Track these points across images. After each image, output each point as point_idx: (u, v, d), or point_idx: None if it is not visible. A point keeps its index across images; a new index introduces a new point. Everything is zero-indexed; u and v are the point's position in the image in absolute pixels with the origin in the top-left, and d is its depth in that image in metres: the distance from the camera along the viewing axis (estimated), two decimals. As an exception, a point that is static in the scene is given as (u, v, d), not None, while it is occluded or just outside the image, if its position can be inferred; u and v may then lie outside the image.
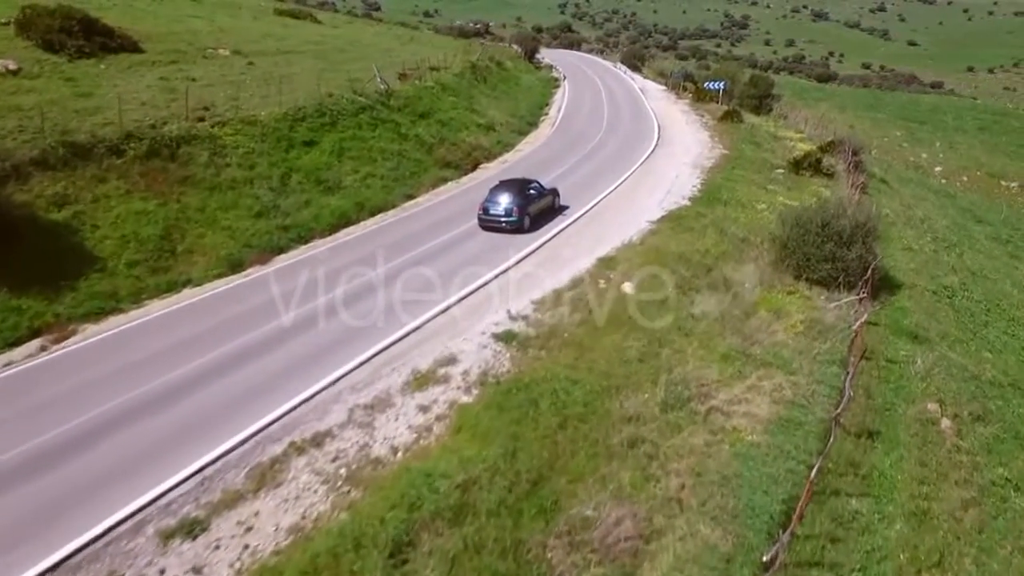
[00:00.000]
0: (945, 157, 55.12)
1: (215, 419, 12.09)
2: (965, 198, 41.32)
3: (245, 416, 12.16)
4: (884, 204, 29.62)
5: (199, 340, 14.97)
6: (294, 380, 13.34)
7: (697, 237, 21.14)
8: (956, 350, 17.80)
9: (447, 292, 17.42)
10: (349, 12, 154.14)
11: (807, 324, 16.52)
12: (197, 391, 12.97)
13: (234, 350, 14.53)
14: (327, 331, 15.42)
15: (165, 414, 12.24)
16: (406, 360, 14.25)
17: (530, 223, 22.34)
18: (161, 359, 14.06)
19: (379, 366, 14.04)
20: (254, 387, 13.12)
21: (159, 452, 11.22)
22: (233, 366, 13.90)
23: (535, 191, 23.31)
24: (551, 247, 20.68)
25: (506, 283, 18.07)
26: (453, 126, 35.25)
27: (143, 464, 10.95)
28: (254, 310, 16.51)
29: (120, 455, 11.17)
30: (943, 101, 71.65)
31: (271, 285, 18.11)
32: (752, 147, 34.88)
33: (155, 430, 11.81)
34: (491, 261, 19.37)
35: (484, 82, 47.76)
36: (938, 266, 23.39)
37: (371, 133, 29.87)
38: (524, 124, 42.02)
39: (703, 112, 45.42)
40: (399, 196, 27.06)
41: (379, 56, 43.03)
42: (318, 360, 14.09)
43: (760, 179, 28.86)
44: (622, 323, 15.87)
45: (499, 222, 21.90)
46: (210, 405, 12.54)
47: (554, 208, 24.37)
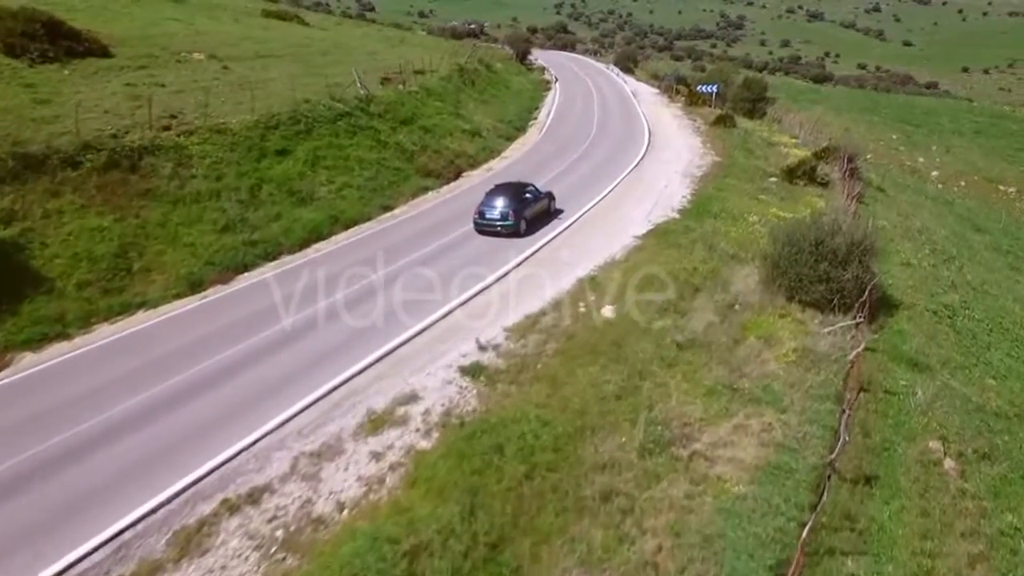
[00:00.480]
0: (942, 161, 54.02)
1: (141, 472, 10.83)
2: (963, 205, 40.19)
3: (175, 469, 10.90)
4: (881, 214, 28.46)
5: (142, 373, 13.73)
6: (238, 422, 12.11)
7: (684, 254, 19.94)
8: (958, 377, 16.63)
9: (427, 311, 16.27)
10: (343, 13, 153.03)
11: (800, 353, 15.33)
12: (127, 436, 11.70)
13: (178, 386, 13.28)
14: (284, 362, 14.18)
15: (87, 464, 10.98)
16: (363, 397, 13.02)
17: (526, 227, 22.04)
18: (96, 396, 12.81)
19: (332, 405, 12.82)
20: (192, 432, 11.87)
21: (72, 514, 9.96)
22: (174, 404, 12.65)
23: (531, 195, 23.01)
24: (530, 266, 19.42)
25: (479, 308, 16.85)
26: (437, 132, 34.00)
27: (52, 528, 9.70)
28: (206, 337, 15.28)
29: (27, 519, 9.90)
30: (939, 104, 70.55)
31: (228, 308, 16.90)
32: (744, 154, 33.69)
33: (71, 485, 10.54)
34: (464, 284, 18.10)
35: (472, 85, 46.51)
36: (937, 282, 22.22)
37: (349, 141, 28.61)
38: (512, 129, 40.78)
39: (695, 116, 44.23)
40: (376, 207, 25.80)
41: (363, 60, 41.77)
42: (268, 398, 12.85)
43: (752, 189, 27.68)
44: (600, 352, 14.67)
45: (495, 226, 21.59)
46: (138, 454, 11.26)
47: (550, 212, 24.01)
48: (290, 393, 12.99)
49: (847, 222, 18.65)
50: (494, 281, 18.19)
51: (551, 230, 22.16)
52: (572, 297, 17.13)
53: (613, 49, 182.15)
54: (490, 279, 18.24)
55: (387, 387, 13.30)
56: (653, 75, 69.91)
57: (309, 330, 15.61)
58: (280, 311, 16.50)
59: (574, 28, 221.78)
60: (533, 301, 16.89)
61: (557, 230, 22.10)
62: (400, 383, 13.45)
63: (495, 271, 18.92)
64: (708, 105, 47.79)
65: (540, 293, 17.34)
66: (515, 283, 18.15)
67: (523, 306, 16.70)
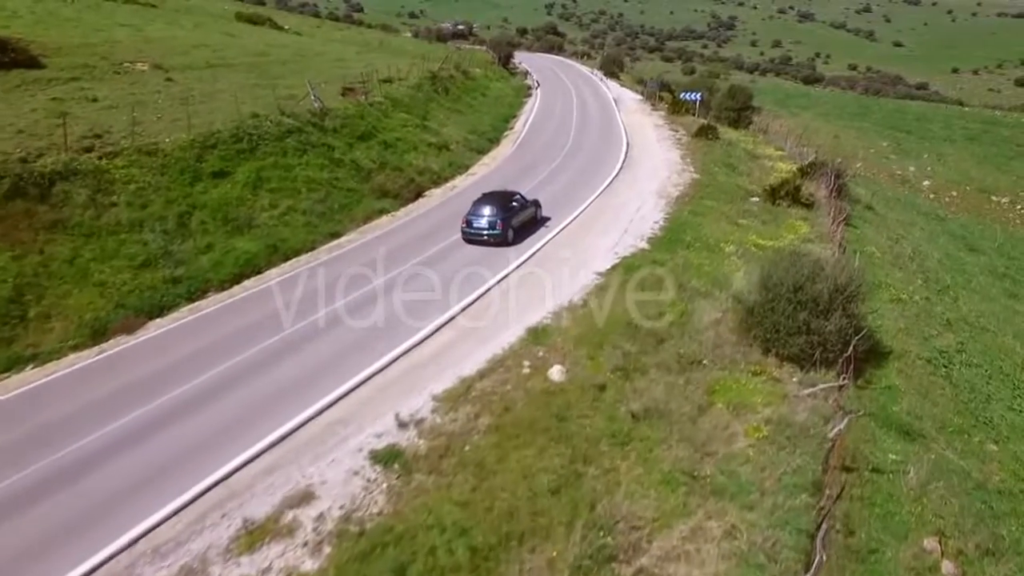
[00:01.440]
0: (933, 170, 51.97)
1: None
2: (956, 221, 38.09)
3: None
4: (869, 238, 26.31)
5: (9, 451, 11.51)
6: (84, 536, 9.83)
7: (650, 295, 17.71)
8: (956, 444, 14.49)
9: (340, 377, 13.94)
10: (330, 14, 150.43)
11: (774, 425, 13.14)
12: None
13: (33, 477, 11.02)
14: (163, 446, 11.86)
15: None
16: (246, 498, 10.76)
17: (514, 235, 21.91)
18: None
19: (211, 507, 10.56)
20: (23, 553, 9.60)
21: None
22: (23, 505, 10.39)
23: (518, 203, 22.87)
24: (474, 313, 17.09)
25: (408, 370, 14.57)
26: (399, 148, 31.69)
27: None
28: (86, 408, 12.99)
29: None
30: (930, 109, 68.50)
31: (123, 366, 14.62)
32: (726, 170, 31.48)
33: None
34: (395, 338, 15.80)
35: (445, 94, 44.19)
36: (931, 320, 20.09)
37: (297, 160, 26.28)
38: (484, 141, 38.48)
39: (677, 126, 42.02)
40: (323, 234, 23.49)
41: (327, 68, 39.43)
42: (129, 500, 10.54)
43: (732, 211, 25.47)
44: (541, 429, 12.46)
45: (482, 235, 21.55)
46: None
47: (536, 219, 23.76)
48: (159, 491, 10.72)
49: (830, 262, 16.45)
50: (430, 334, 15.89)
51: (502, 268, 19.80)
52: (516, 354, 14.88)
53: (604, 50, 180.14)
54: (425, 331, 15.95)
55: (278, 482, 11.04)
56: (638, 80, 67.64)
57: (209, 400, 13.30)
58: (183, 371, 14.24)
59: (565, 29, 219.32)
60: (471, 359, 14.63)
61: (509, 268, 19.78)
62: (295, 475, 11.18)
63: (442, 315, 16.66)
64: (692, 113, 45.60)
65: (480, 349, 15.06)
66: (454, 337, 15.86)
67: (460, 365, 14.45)
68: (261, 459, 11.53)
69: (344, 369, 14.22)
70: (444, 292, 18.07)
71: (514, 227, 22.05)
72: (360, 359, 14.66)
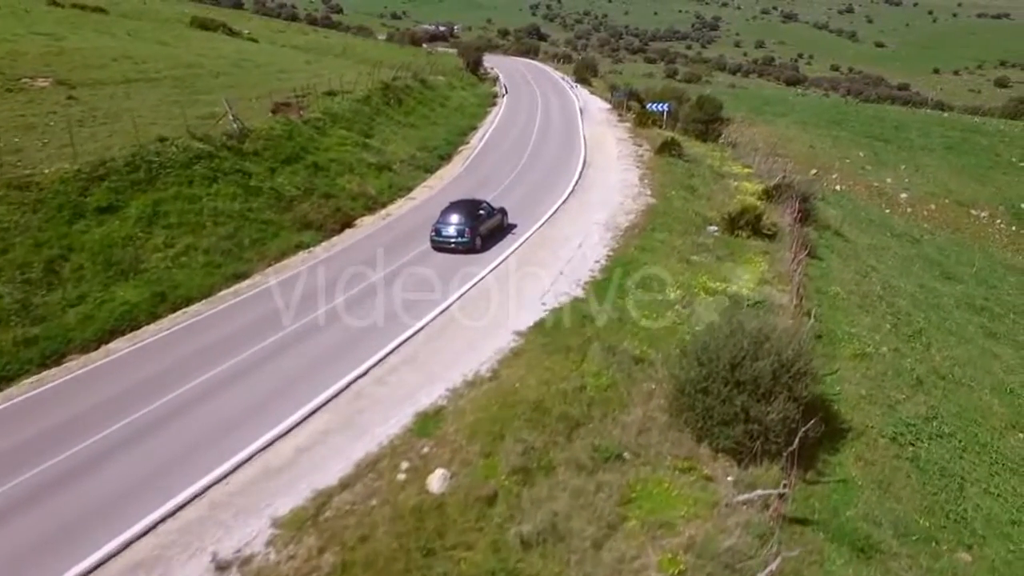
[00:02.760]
0: (911, 182, 49.62)
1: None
2: (932, 242, 35.68)
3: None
4: (835, 274, 23.78)
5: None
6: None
7: (573, 363, 15.08)
8: (921, 559, 11.95)
9: (163, 494, 11.13)
10: (308, 16, 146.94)
11: (695, 553, 10.54)
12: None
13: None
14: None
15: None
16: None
17: (481, 243, 22.08)
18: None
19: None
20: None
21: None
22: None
23: (485, 211, 23.04)
24: (355, 395, 14.25)
25: (264, 472, 11.84)
26: (332, 170, 28.88)
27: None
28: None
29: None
30: (910, 116, 66.10)
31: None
32: (684, 194, 28.85)
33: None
34: (265, 419, 13.08)
35: (398, 105, 41.37)
36: (899, 379, 17.57)
37: (205, 190, 23.44)
38: (434, 158, 35.72)
39: (642, 140, 39.37)
40: (225, 277, 20.74)
41: (266, 80, 36.53)
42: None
43: (685, 245, 22.87)
44: (398, 572, 9.80)
45: (450, 243, 21.78)
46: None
47: (503, 227, 23.99)
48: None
49: (776, 332, 13.81)
50: (296, 423, 13.13)
51: (404, 328, 17.00)
52: (395, 451, 12.19)
53: (586, 51, 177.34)
54: (294, 417, 13.21)
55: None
56: (611, 86, 64.97)
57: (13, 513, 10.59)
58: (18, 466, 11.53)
59: (549, 30, 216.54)
60: (336, 463, 11.91)
61: (417, 325, 17.01)
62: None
63: (312, 398, 13.87)
64: (659, 125, 42.99)
65: (352, 447, 12.35)
66: (327, 425, 13.12)
67: (322, 469, 11.74)
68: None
69: (174, 478, 11.45)
70: (331, 361, 15.33)
71: (482, 235, 22.22)
72: (200, 461, 11.90)
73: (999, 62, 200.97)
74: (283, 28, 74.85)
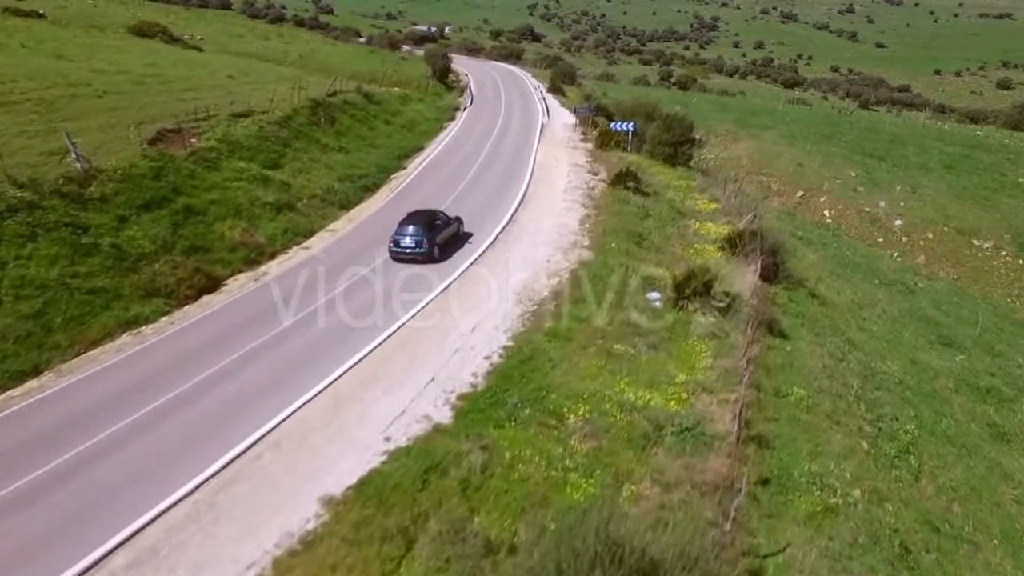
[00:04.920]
0: (907, 206, 44.15)
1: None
2: (929, 292, 30.27)
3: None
4: (800, 364, 18.51)
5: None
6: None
7: (389, 562, 9.96)
8: None
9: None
10: (295, 16, 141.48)
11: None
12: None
13: None
14: None
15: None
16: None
17: (440, 252, 21.95)
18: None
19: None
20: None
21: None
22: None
23: (441, 221, 22.94)
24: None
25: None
26: (211, 215, 23.74)
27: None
28: None
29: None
30: (906, 129, 60.31)
31: None
32: (629, 244, 23.50)
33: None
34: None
35: (330, 125, 36.10)
36: (875, 552, 12.35)
37: (16, 251, 18.33)
38: (357, 190, 30.53)
39: (600, 166, 34.03)
40: (8, 375, 15.74)
41: (167, 101, 31.31)
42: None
43: (610, 328, 17.66)
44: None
45: (408, 253, 21.54)
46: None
47: (459, 235, 23.76)
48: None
49: (679, 527, 8.65)
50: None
51: (180, 482, 11.97)
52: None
53: (580, 53, 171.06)
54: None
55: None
56: (586, 96, 59.48)
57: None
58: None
59: (545, 30, 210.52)
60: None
61: (183, 489, 11.84)
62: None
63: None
64: (623, 147, 37.64)
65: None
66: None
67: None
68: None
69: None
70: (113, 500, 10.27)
71: (439, 244, 22.09)
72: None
73: (1001, 63, 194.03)
74: (244, 33, 69.33)
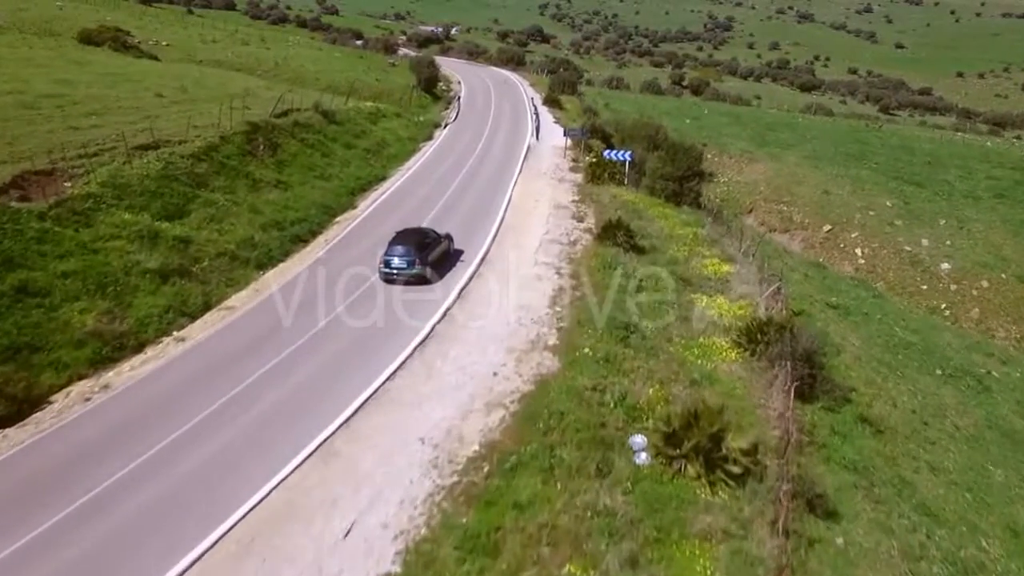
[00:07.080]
0: (954, 244, 37.06)
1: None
2: (1006, 383, 23.24)
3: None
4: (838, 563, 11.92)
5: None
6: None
7: None
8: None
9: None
10: (297, 17, 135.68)
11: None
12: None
13: None
14: None
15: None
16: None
17: (432, 271, 20.63)
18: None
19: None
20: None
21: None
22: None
23: (431, 239, 21.59)
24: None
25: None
26: (59, 293, 17.47)
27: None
28: None
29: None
30: (944, 148, 52.86)
31: None
32: (612, 344, 16.81)
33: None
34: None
35: (270, 154, 29.75)
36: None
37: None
38: (285, 241, 24.18)
39: (588, 207, 27.40)
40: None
41: (57, 129, 25.12)
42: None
43: (568, 523, 11.19)
44: None
45: (396, 273, 20.34)
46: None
47: (449, 253, 22.35)
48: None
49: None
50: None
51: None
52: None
53: (591, 55, 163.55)
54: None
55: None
56: (586, 108, 52.60)
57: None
58: None
59: (556, 30, 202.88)
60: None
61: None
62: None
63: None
64: (618, 180, 31.01)
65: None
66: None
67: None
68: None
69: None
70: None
71: (430, 263, 20.92)
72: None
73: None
74: (220, 38, 62.90)
